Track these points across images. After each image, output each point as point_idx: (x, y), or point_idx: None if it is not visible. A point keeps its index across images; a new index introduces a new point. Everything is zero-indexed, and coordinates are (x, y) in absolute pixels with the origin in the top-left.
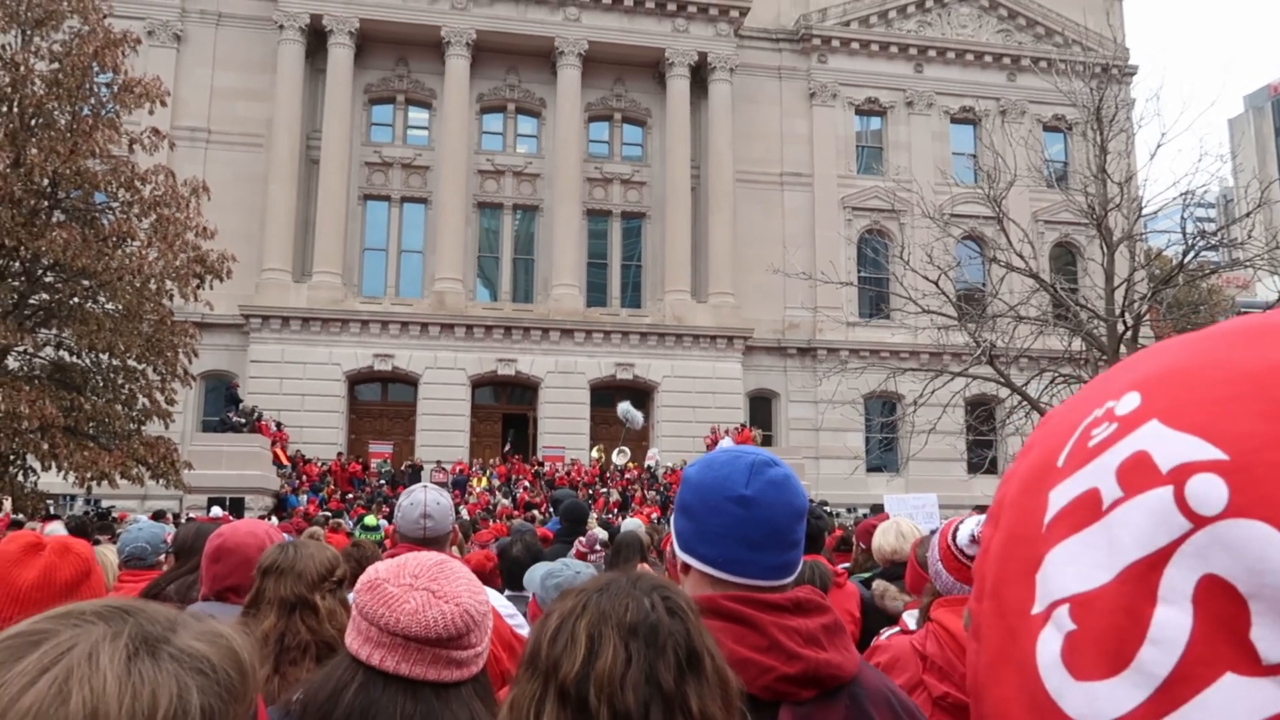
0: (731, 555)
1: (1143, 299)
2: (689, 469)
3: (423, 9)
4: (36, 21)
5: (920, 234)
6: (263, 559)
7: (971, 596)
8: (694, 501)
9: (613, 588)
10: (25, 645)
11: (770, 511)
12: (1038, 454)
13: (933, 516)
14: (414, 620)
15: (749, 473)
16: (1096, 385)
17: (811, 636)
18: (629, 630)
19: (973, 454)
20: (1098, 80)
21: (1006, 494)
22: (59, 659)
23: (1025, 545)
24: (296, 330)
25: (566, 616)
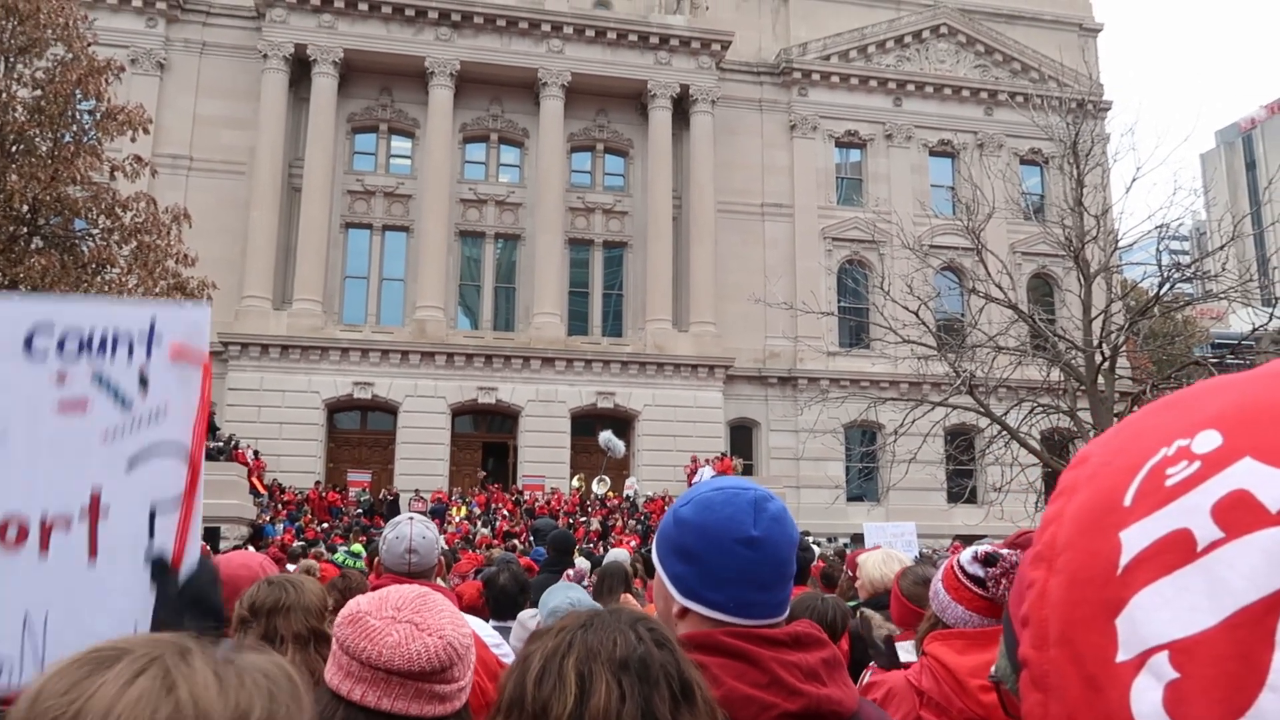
0: (743, 598)
1: (1120, 330)
2: (683, 510)
3: (407, 40)
4: (20, 49)
5: (900, 264)
6: (260, 598)
7: (1026, 644)
8: (698, 545)
9: (596, 623)
10: (109, 658)
11: (776, 550)
12: (1090, 494)
13: (911, 545)
14: (396, 653)
15: (754, 512)
16: (1149, 424)
17: (812, 672)
18: (620, 665)
19: (953, 483)
20: (1073, 115)
21: (1059, 534)
22: (150, 664)
23: (1097, 589)
24: (276, 358)
25: (551, 656)
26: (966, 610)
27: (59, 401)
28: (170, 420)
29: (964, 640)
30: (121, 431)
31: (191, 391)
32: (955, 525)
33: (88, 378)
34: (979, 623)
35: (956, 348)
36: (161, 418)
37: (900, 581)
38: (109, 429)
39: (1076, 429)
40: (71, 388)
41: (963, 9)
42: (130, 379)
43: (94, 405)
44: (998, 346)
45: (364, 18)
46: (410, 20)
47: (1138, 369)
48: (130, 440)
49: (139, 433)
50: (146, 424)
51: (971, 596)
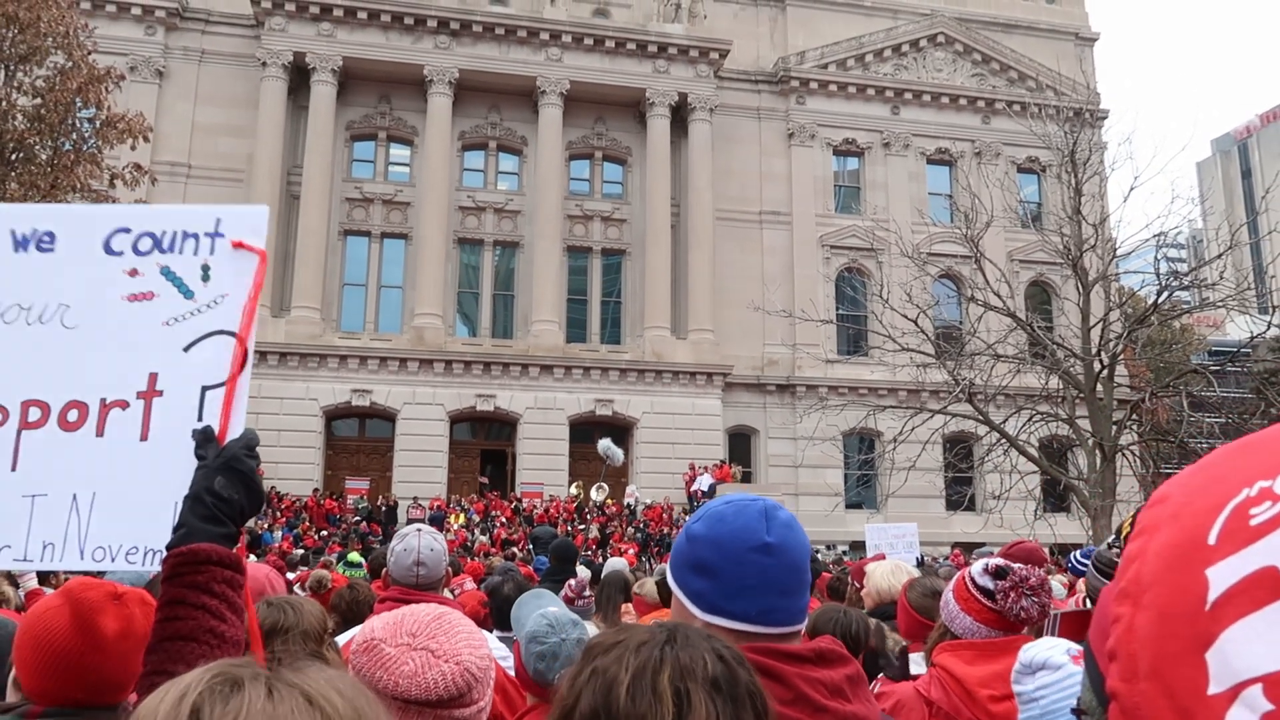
0: (764, 605)
1: (1118, 338)
2: (695, 526)
3: (406, 48)
4: (21, 57)
5: (898, 272)
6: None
7: (1115, 677)
8: (714, 558)
9: (679, 639)
10: (233, 679)
11: (792, 556)
12: (1174, 532)
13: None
14: (412, 683)
15: (765, 520)
16: (1229, 465)
17: (836, 688)
18: (713, 684)
19: (952, 491)
20: (1071, 124)
21: (1144, 571)
22: (275, 685)
23: (1187, 624)
24: (274, 365)
25: (640, 672)
26: (975, 621)
27: (129, 294)
28: (226, 306)
29: (973, 651)
30: (182, 318)
31: (247, 277)
32: (954, 533)
33: (156, 270)
34: (987, 634)
35: (955, 355)
36: (219, 304)
37: (908, 593)
38: (171, 317)
39: (1076, 436)
40: (141, 281)
41: (960, 18)
42: (194, 270)
43: (159, 295)
44: (996, 354)
45: (363, 26)
46: (409, 28)
47: (1136, 377)
48: (189, 325)
49: (198, 318)
50: (205, 311)
51: (981, 608)
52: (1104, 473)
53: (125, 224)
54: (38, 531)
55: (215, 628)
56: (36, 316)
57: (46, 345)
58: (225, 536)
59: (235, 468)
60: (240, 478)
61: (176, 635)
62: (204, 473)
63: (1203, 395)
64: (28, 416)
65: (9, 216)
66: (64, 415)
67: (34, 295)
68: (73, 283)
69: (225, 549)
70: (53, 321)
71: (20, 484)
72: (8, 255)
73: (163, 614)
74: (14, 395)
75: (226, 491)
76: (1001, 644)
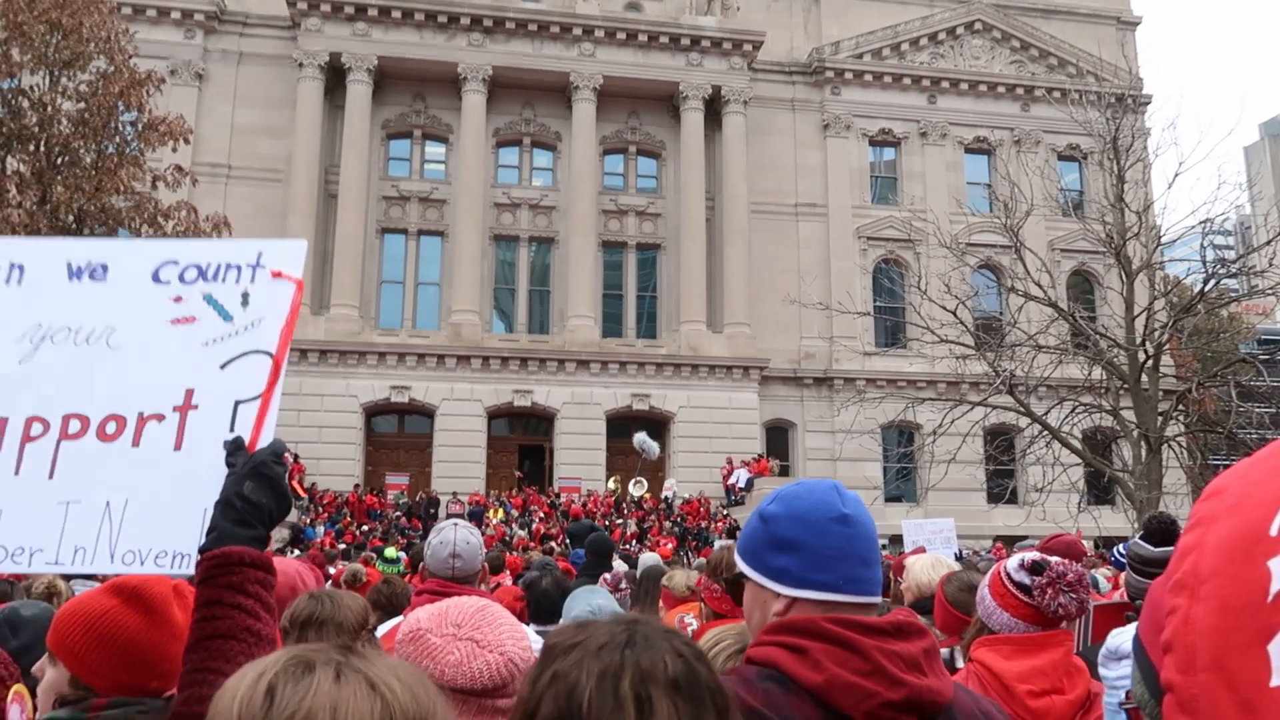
0: (851, 574)
1: (1163, 328)
2: (770, 508)
3: (440, 46)
4: (65, 63)
5: (936, 263)
6: (298, 610)
7: (1171, 669)
8: (795, 533)
9: (639, 640)
10: (307, 663)
11: (866, 527)
12: (1234, 524)
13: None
14: (458, 672)
15: (838, 494)
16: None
17: (913, 661)
18: (673, 686)
19: (993, 484)
20: (1113, 110)
21: (1201, 563)
22: (343, 670)
23: (1249, 616)
24: (314, 363)
25: (602, 677)
26: (1013, 618)
27: (172, 318)
28: (263, 328)
29: (1011, 645)
30: (221, 339)
31: (284, 303)
32: (996, 526)
33: (199, 297)
34: (1025, 629)
35: (995, 347)
36: (256, 326)
37: (945, 587)
38: (211, 338)
39: (1120, 428)
40: (184, 307)
41: (997, 4)
42: (234, 297)
43: (200, 319)
44: (1038, 345)
45: (397, 25)
46: (443, 27)
47: (1182, 367)
48: (227, 345)
49: (236, 339)
50: (243, 333)
51: (1018, 604)
52: (1150, 465)
53: (174, 257)
54: (70, 536)
55: (251, 626)
56: (84, 338)
57: (91, 363)
58: (255, 539)
59: (263, 473)
60: (268, 482)
61: (215, 634)
62: (234, 478)
63: (1252, 385)
64: (68, 429)
65: (67, 250)
66: (103, 427)
67: (83, 319)
68: (120, 308)
69: (257, 551)
70: (99, 342)
71: (56, 491)
72: (62, 284)
73: (201, 614)
74: (56, 409)
75: (255, 496)
76: (1040, 639)
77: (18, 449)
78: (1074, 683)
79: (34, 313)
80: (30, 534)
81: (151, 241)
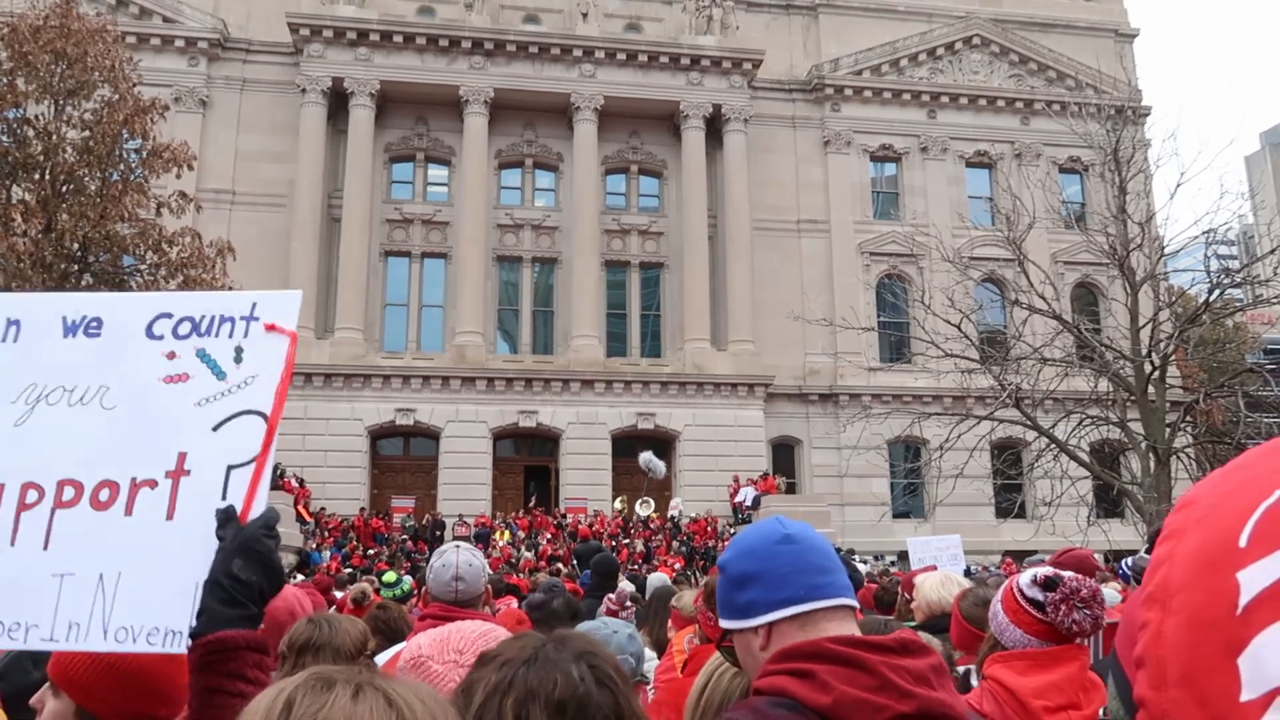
0: (811, 583)
1: (1169, 338)
2: (722, 560)
3: (441, 69)
4: (69, 91)
5: (940, 277)
6: (295, 635)
7: (1143, 685)
8: (748, 565)
9: (540, 659)
10: (327, 681)
11: (815, 542)
12: (1203, 536)
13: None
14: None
15: (779, 523)
16: (1259, 468)
17: (921, 676)
18: (557, 708)
19: (1001, 498)
20: (1113, 122)
21: (1172, 575)
22: (362, 688)
23: (1219, 629)
24: (319, 386)
25: (493, 692)
26: (1026, 634)
27: (165, 376)
28: (256, 387)
29: (1025, 661)
30: (214, 398)
31: (278, 359)
32: (1004, 541)
33: (193, 353)
34: (1039, 646)
35: (1000, 360)
36: (249, 385)
37: (961, 603)
38: (204, 397)
39: (1128, 440)
40: (177, 363)
41: (995, 19)
42: (228, 352)
43: (194, 377)
44: (1043, 358)
45: (399, 49)
46: (444, 50)
47: (1189, 377)
48: (220, 405)
49: (229, 399)
50: (236, 391)
51: (1031, 620)
52: (1158, 477)
53: (167, 310)
54: (65, 611)
55: None
56: (78, 398)
57: (84, 426)
58: (246, 619)
59: (253, 548)
60: (258, 558)
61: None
62: (222, 555)
63: (1259, 395)
64: (62, 495)
65: (61, 304)
66: (96, 494)
67: (77, 378)
68: (114, 365)
69: (250, 633)
70: (92, 403)
71: (51, 563)
72: (56, 340)
73: (200, 701)
74: (51, 475)
75: (244, 574)
76: (1055, 653)
77: (13, 518)
78: (1090, 698)
79: (29, 372)
80: (26, 608)
81: (146, 295)
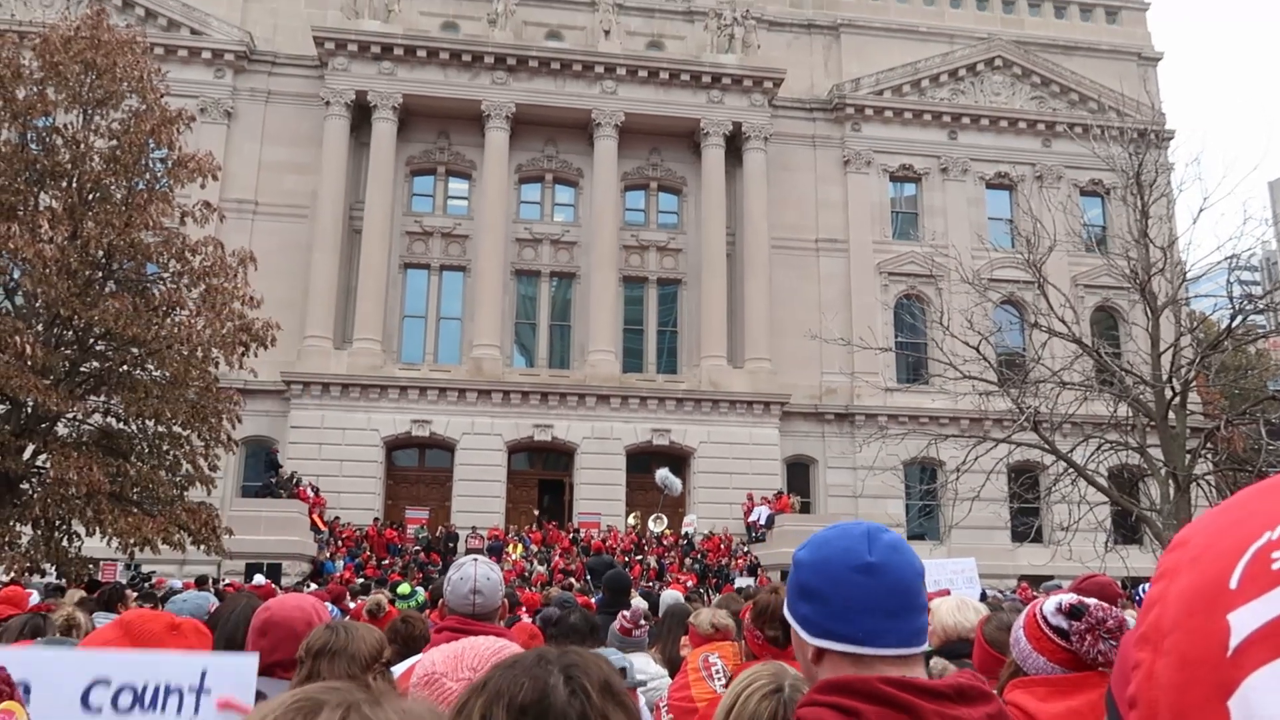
0: (872, 627)
1: (1190, 364)
2: (800, 553)
3: (464, 84)
4: (98, 101)
5: (958, 299)
6: (312, 640)
7: None
8: (816, 581)
9: (518, 664)
10: (311, 707)
11: (898, 575)
12: (1195, 577)
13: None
14: None
15: (868, 540)
16: (1251, 508)
17: None
18: (519, 711)
19: (1017, 522)
20: (1135, 145)
21: (1164, 616)
22: (349, 711)
23: (1209, 670)
24: (336, 396)
25: (470, 693)
26: (1049, 662)
27: None
28: None
29: (1047, 687)
30: None
31: None
32: (1020, 565)
33: None
34: (1061, 673)
35: (1019, 383)
36: None
37: (985, 628)
38: None
39: (1147, 466)
40: None
41: (1017, 41)
42: None
43: None
44: (1062, 381)
45: (422, 64)
46: (467, 65)
47: (1210, 404)
48: None
49: None
50: None
51: (1054, 648)
52: (1178, 504)
53: (106, 674)
54: None
55: None
56: None
57: None
58: None
59: None
60: None
61: None
62: None
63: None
64: None
65: None
66: None
67: None
68: None
69: None
70: None
71: None
72: None
73: None
74: None
75: None
76: (1077, 680)
77: None
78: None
79: None
80: None
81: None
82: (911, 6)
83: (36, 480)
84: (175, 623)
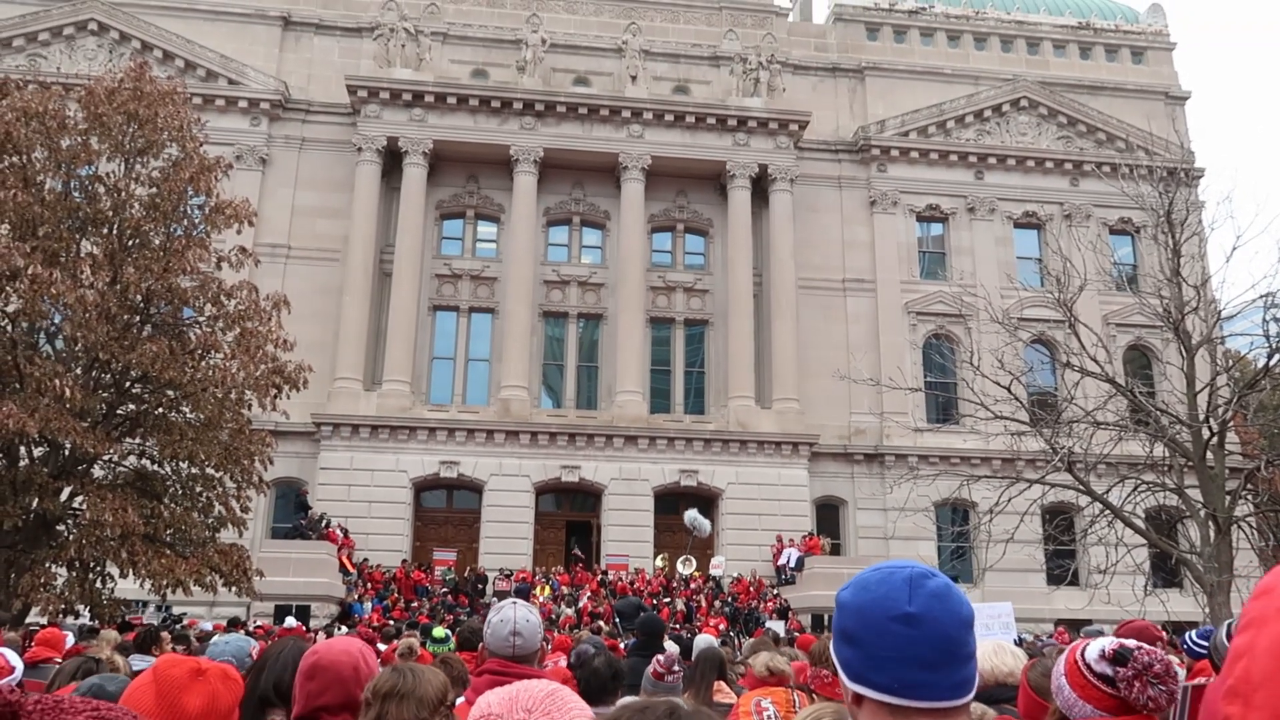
0: (908, 679)
1: (1227, 404)
2: (843, 594)
3: (493, 130)
4: (139, 150)
5: (988, 338)
6: (379, 683)
7: None
8: (856, 627)
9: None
10: None
11: (939, 627)
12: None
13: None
14: None
15: (909, 588)
16: None
17: None
18: None
19: (1053, 564)
20: (1165, 184)
21: (1253, 669)
22: None
23: None
24: (365, 438)
25: None
26: (1096, 710)
27: None
28: None
29: None
30: None
31: None
32: (1057, 609)
33: None
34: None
35: (1052, 423)
36: None
37: (1030, 673)
38: None
39: (1186, 507)
40: None
41: (1043, 81)
42: None
43: None
44: (1096, 421)
45: (452, 110)
46: (496, 111)
47: (1249, 444)
48: None
49: None
50: None
51: (1101, 695)
52: (1219, 546)
53: None
54: None
55: None
56: None
57: None
58: None
59: None
60: None
61: None
62: None
63: None
64: None
65: None
66: None
67: None
68: None
69: None
70: None
71: None
72: None
73: None
74: None
75: None
76: None
77: None
78: None
79: None
80: None
81: None
82: (936, 49)
83: (72, 522)
84: (201, 668)
